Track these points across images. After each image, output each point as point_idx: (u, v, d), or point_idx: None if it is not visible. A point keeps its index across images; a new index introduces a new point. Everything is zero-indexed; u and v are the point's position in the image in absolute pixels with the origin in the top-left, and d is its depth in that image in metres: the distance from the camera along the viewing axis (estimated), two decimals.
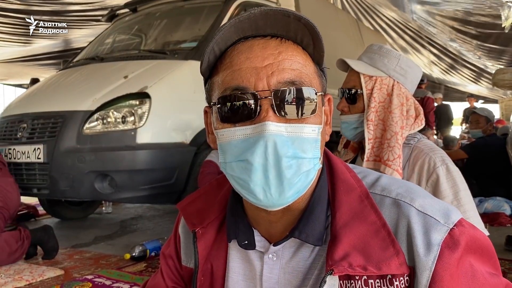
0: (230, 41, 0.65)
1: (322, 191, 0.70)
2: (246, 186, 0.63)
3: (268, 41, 0.65)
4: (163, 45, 3.94)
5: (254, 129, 0.62)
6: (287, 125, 0.62)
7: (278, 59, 0.63)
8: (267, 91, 0.62)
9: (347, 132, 1.47)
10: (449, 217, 0.63)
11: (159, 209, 4.79)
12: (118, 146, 3.02)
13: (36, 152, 3.12)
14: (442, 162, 1.31)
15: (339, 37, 5.44)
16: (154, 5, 4.36)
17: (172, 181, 3.18)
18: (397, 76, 1.40)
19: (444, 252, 0.60)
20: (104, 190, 3.06)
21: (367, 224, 0.64)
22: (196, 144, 3.29)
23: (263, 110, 0.62)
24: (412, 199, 0.65)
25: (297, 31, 0.64)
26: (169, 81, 3.25)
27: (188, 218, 0.79)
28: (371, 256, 0.61)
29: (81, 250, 3.09)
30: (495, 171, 4.10)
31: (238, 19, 0.62)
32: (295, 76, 0.63)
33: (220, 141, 0.65)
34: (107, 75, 3.43)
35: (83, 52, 4.48)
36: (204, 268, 0.76)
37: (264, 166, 0.61)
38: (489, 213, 3.70)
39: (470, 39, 10.07)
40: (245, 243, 0.72)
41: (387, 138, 1.36)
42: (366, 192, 0.68)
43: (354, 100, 1.43)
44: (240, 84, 0.63)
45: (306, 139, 0.63)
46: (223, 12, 3.74)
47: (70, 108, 3.14)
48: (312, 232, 0.67)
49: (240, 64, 0.63)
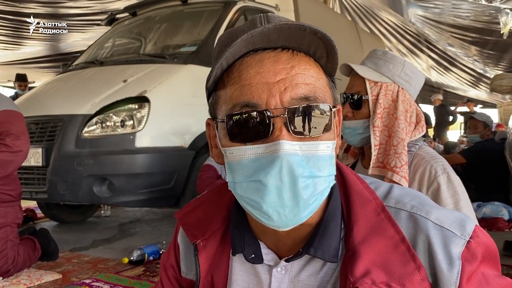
0: (238, 53, 0.61)
1: (336, 205, 0.67)
2: (258, 207, 0.60)
3: (279, 54, 0.61)
4: (162, 49, 3.95)
5: (266, 148, 0.58)
6: (302, 144, 0.59)
7: (291, 74, 0.60)
8: (280, 109, 0.58)
9: (351, 138, 1.45)
10: (465, 229, 0.62)
11: (157, 212, 4.79)
12: (117, 150, 3.02)
13: (35, 156, 3.12)
14: (444, 171, 1.31)
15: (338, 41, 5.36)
16: (154, 9, 4.38)
17: (171, 185, 3.19)
18: (402, 82, 1.40)
19: (465, 265, 0.59)
20: (103, 193, 3.06)
21: (386, 239, 0.62)
22: (194, 148, 3.29)
23: (277, 129, 0.58)
24: (428, 212, 0.64)
25: (311, 44, 0.61)
26: (168, 85, 3.26)
27: (188, 229, 0.76)
28: (393, 272, 0.60)
29: (79, 254, 3.08)
30: (493, 176, 4.10)
31: (251, 34, 0.58)
32: (309, 91, 0.60)
33: (229, 159, 0.62)
34: (107, 79, 3.44)
35: (82, 56, 4.49)
36: (205, 280, 0.74)
37: (279, 188, 0.57)
38: (487, 218, 3.70)
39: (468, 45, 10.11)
40: (252, 257, 0.69)
41: (393, 145, 1.35)
42: (382, 205, 0.66)
43: (359, 106, 1.41)
44: (250, 101, 0.59)
45: (322, 156, 0.60)
46: (223, 17, 3.76)
47: (69, 112, 3.14)
48: (328, 249, 0.64)
49: (250, 79, 0.60)
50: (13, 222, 2.54)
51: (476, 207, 3.86)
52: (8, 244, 2.47)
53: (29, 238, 2.74)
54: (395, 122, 1.37)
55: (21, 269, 2.57)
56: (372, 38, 7.81)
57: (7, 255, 2.45)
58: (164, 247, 2.91)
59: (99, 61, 3.91)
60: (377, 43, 7.57)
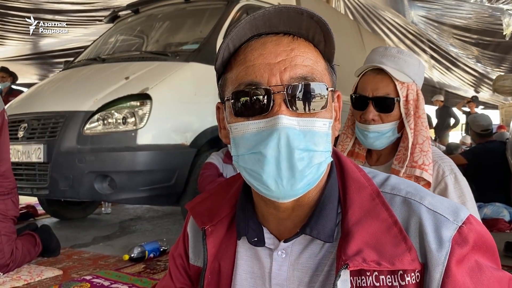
0: (244, 38, 0.67)
1: (332, 188, 0.71)
2: (258, 178, 0.65)
3: (280, 38, 0.67)
4: (164, 46, 3.95)
5: (267, 123, 0.63)
6: (299, 119, 0.64)
7: (291, 56, 0.65)
8: (280, 86, 0.63)
9: (377, 142, 1.38)
10: (458, 215, 0.65)
11: (158, 210, 4.79)
12: (119, 147, 3.02)
13: (37, 152, 3.12)
14: (451, 171, 1.32)
15: (341, 41, 5.45)
16: (156, 7, 4.37)
17: (172, 183, 3.19)
18: (418, 80, 1.38)
19: (454, 248, 0.62)
20: (104, 190, 3.06)
21: (379, 221, 0.66)
22: (196, 146, 3.29)
23: (276, 104, 0.63)
24: (422, 197, 0.67)
25: (309, 28, 0.66)
26: (170, 83, 3.26)
27: (197, 217, 0.81)
28: (384, 252, 0.63)
29: (80, 251, 3.08)
30: (495, 177, 4.10)
31: (253, 16, 0.64)
32: (307, 72, 0.65)
33: (233, 134, 0.67)
34: (109, 76, 3.44)
35: (84, 53, 4.49)
36: (212, 266, 0.78)
37: (277, 158, 0.63)
38: (488, 219, 3.70)
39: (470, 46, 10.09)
40: (254, 240, 0.73)
41: (419, 143, 1.33)
42: (377, 190, 0.70)
43: (390, 109, 1.34)
44: (254, 80, 0.65)
45: (318, 132, 0.65)
46: (225, 15, 3.75)
47: (71, 108, 3.14)
48: (323, 228, 0.68)
49: (253, 60, 0.65)
50: (4, 215, 2.52)
51: None
52: (3, 238, 2.47)
53: (30, 233, 2.75)
54: (418, 121, 1.35)
55: (21, 263, 2.57)
56: (374, 38, 7.80)
57: (3, 249, 2.44)
58: (164, 244, 2.92)
59: (102, 58, 3.90)
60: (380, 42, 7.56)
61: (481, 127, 4.32)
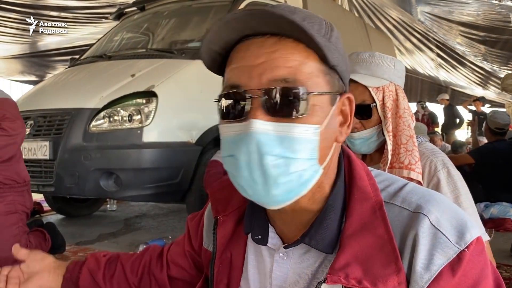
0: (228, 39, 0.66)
1: (337, 196, 0.68)
2: (236, 181, 0.65)
3: (265, 40, 0.63)
4: (170, 44, 3.94)
5: (241, 127, 0.62)
6: (277, 124, 0.61)
7: (272, 57, 0.62)
8: (257, 90, 0.61)
9: (365, 147, 1.40)
10: (463, 236, 0.60)
11: (163, 207, 4.80)
12: (124, 144, 3.02)
13: (42, 149, 3.12)
14: (443, 166, 1.31)
15: (347, 39, 5.42)
16: (162, 4, 4.37)
17: (177, 180, 3.18)
18: (397, 79, 1.38)
19: (443, 274, 0.58)
20: (109, 188, 3.06)
21: (374, 237, 0.62)
22: (202, 144, 3.28)
23: (253, 108, 0.61)
24: (429, 211, 0.62)
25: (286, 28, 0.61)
26: (176, 80, 3.25)
27: (214, 203, 0.82)
28: (371, 270, 0.60)
29: (85, 248, 3.09)
30: (502, 177, 4.07)
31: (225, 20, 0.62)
32: (288, 73, 0.61)
33: (221, 136, 0.68)
34: (114, 73, 3.44)
35: (90, 50, 4.49)
36: (223, 256, 0.78)
37: (248, 163, 0.61)
38: (494, 219, 3.67)
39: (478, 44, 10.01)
40: (258, 237, 0.73)
41: (402, 143, 1.33)
42: (380, 203, 0.65)
43: (369, 115, 1.36)
44: (235, 82, 0.64)
45: (297, 138, 0.61)
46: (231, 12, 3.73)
47: (77, 105, 3.14)
48: (322, 239, 0.66)
49: (237, 62, 0.64)
50: (22, 210, 2.57)
51: (483, 208, 3.83)
52: (20, 229, 2.49)
53: (38, 229, 2.76)
54: (399, 121, 1.35)
55: None
56: (380, 35, 7.76)
57: (20, 240, 2.47)
58: (169, 242, 2.91)
59: (107, 55, 3.90)
60: (385, 40, 7.53)
61: (497, 125, 4.25)
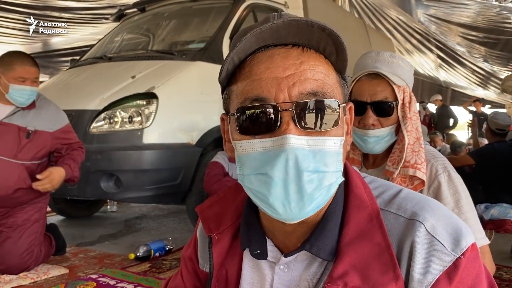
0: (249, 50, 0.63)
1: (337, 204, 0.68)
2: (265, 200, 0.61)
3: (289, 50, 0.62)
4: (170, 45, 3.95)
5: (274, 142, 0.59)
6: (309, 138, 0.60)
7: (300, 69, 0.60)
8: (288, 103, 0.59)
9: (377, 146, 1.38)
10: (458, 243, 0.60)
11: (163, 209, 4.80)
12: (125, 146, 3.03)
13: None
14: (444, 170, 1.31)
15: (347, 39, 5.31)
16: (163, 5, 4.37)
17: (178, 182, 3.19)
18: (411, 83, 1.40)
19: (440, 282, 0.58)
20: (110, 189, 3.07)
21: (372, 245, 0.62)
22: (202, 145, 3.29)
23: (284, 123, 0.59)
24: (425, 218, 0.63)
25: (320, 40, 0.62)
26: (176, 82, 3.26)
27: (205, 222, 0.78)
28: (369, 278, 0.60)
29: (86, 249, 3.10)
30: (502, 178, 4.06)
31: (260, 29, 0.59)
32: (317, 87, 0.61)
33: (239, 152, 0.64)
34: (115, 75, 3.44)
35: (90, 51, 4.49)
36: (219, 274, 0.76)
37: (285, 181, 0.59)
38: (495, 220, 3.66)
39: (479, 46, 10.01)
40: (257, 252, 0.70)
41: (410, 144, 1.34)
42: (377, 211, 0.65)
43: (389, 113, 1.35)
44: (260, 95, 0.60)
45: (328, 152, 0.61)
46: (231, 13, 3.74)
47: (77, 107, 3.15)
48: (323, 246, 0.65)
49: (260, 73, 0.61)
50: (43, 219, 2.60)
51: (484, 209, 3.82)
52: (36, 240, 2.50)
53: (46, 234, 2.74)
54: (409, 122, 1.35)
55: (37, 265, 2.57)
56: (381, 36, 7.76)
57: (34, 251, 2.47)
58: (170, 243, 2.92)
59: (108, 56, 3.91)
60: (386, 41, 7.53)
61: (498, 126, 4.25)
